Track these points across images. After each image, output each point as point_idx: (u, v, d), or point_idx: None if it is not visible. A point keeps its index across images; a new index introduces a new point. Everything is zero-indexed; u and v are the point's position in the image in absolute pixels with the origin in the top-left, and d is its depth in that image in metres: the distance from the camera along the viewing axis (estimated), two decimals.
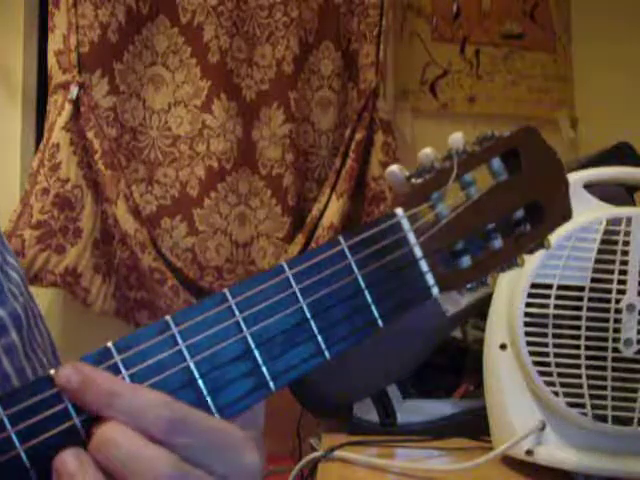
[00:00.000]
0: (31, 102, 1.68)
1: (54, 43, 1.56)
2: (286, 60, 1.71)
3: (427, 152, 0.53)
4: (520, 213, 0.55)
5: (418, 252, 0.51)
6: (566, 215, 0.56)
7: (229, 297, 0.45)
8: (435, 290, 0.51)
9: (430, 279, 0.51)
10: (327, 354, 0.47)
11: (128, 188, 1.58)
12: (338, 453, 1.09)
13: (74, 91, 1.53)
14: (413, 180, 0.52)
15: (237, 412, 0.45)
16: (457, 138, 0.54)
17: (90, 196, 1.57)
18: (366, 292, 0.49)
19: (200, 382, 0.44)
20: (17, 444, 0.40)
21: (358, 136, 1.72)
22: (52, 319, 1.62)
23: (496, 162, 0.54)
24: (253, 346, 0.45)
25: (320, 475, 1.06)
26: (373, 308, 0.49)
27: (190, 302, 1.58)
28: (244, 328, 0.45)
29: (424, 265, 0.51)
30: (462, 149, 0.53)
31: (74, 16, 1.54)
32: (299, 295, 0.47)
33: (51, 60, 1.57)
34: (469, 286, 0.53)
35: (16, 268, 0.59)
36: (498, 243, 0.54)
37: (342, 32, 1.78)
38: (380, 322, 0.49)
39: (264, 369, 0.45)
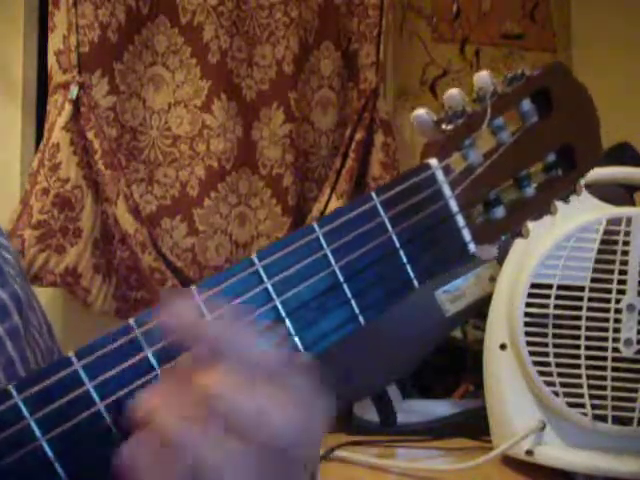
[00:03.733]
0: (31, 102, 1.68)
1: (54, 43, 1.56)
2: (286, 60, 1.71)
3: (454, 93, 0.49)
4: (552, 157, 0.52)
5: (454, 206, 0.48)
6: (597, 156, 0.52)
7: (256, 261, 0.42)
8: (472, 246, 0.48)
9: (467, 235, 0.48)
10: (361, 319, 0.45)
11: (128, 188, 1.58)
12: (338, 453, 1.09)
13: (74, 91, 1.53)
14: (443, 126, 0.49)
15: None
16: (485, 78, 0.50)
17: (90, 196, 1.56)
18: (401, 251, 0.46)
19: None
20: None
21: (358, 136, 1.72)
22: (52, 319, 1.61)
23: (526, 103, 0.51)
24: (284, 315, 0.43)
25: (320, 475, 1.06)
26: (408, 268, 0.46)
27: None
28: (274, 296, 0.42)
29: (460, 220, 0.48)
30: (493, 90, 0.50)
31: (74, 16, 1.53)
32: (331, 257, 0.44)
33: (51, 60, 1.57)
34: (504, 237, 0.50)
35: (8, 248, 0.58)
36: (531, 190, 0.51)
37: (342, 32, 1.78)
38: (416, 283, 0.46)
39: (296, 339, 0.43)
